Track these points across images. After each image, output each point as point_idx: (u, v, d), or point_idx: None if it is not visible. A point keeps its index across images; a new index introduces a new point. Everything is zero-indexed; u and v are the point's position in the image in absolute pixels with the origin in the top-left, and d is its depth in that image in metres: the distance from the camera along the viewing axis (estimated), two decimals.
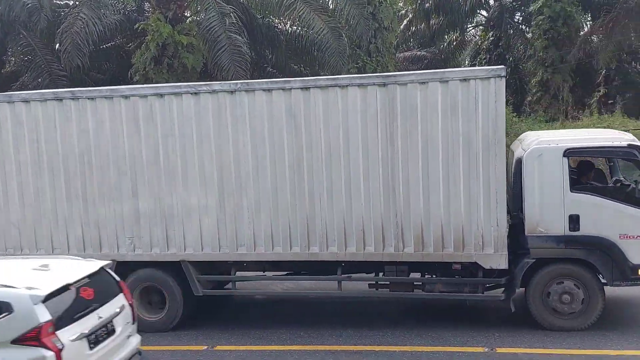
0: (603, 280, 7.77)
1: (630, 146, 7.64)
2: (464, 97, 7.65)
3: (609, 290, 7.97)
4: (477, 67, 8.43)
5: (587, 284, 7.73)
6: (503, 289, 8.08)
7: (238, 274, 8.85)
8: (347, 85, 8.02)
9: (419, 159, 7.86)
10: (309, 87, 8.11)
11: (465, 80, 7.64)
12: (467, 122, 7.67)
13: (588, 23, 24.58)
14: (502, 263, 7.80)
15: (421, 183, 7.89)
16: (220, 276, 8.95)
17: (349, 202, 8.12)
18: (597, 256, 7.64)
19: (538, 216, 7.74)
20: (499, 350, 7.50)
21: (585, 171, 8.22)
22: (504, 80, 7.57)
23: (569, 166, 7.75)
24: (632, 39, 22.44)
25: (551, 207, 7.69)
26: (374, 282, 8.64)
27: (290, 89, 8.14)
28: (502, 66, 7.69)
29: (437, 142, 7.78)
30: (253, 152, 8.27)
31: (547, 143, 7.87)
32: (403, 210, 7.98)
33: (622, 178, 8.48)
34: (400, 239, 8.05)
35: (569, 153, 7.69)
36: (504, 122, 7.64)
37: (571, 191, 7.64)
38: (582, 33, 23.56)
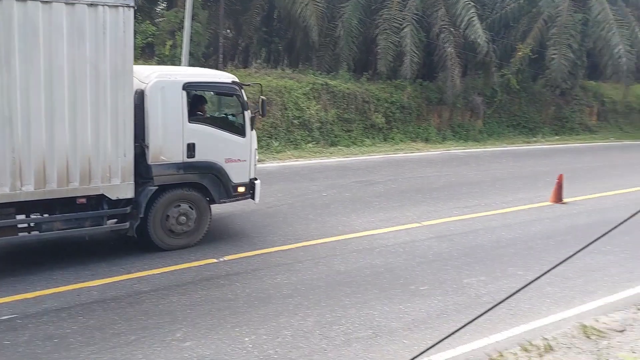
0: (208, 199, 8.86)
1: (233, 82, 8.90)
2: (91, 23, 7.32)
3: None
4: None
5: (199, 205, 8.71)
6: (126, 218, 8.24)
7: None
8: None
9: (41, 87, 7.14)
10: None
11: (93, 5, 7.30)
12: (96, 50, 7.40)
13: None
14: (129, 192, 7.99)
15: (44, 113, 7.22)
16: None
17: None
18: (209, 179, 8.67)
19: (161, 145, 8.19)
20: None
21: (199, 104, 9.02)
22: (132, 10, 7.55)
23: (187, 99, 8.42)
24: None
25: (172, 136, 8.26)
26: None
27: None
28: None
29: (62, 69, 7.23)
30: None
31: (168, 77, 8.31)
32: (22, 144, 7.15)
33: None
34: (18, 177, 7.21)
35: (187, 87, 8.35)
36: (132, 52, 7.67)
37: (189, 122, 8.38)
38: None
